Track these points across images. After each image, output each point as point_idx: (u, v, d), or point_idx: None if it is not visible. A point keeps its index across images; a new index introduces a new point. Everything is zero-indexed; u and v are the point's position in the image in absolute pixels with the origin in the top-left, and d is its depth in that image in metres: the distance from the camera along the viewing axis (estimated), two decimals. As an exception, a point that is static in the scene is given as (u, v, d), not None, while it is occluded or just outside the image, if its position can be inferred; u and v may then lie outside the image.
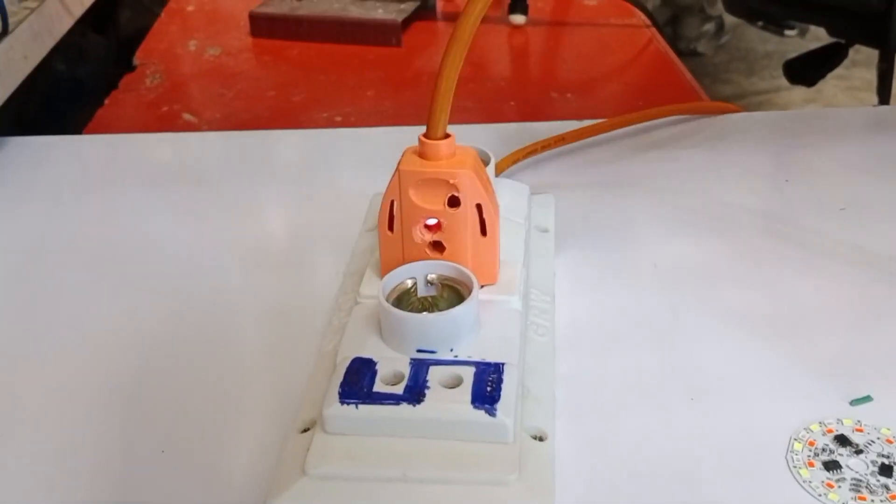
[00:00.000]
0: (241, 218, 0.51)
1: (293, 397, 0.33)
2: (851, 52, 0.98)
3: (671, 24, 2.37)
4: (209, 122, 0.65)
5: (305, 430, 0.30)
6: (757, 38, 2.48)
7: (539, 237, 0.40)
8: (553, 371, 0.33)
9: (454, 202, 0.32)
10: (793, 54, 1.09)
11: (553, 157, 0.54)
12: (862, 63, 1.57)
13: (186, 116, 0.66)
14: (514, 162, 0.51)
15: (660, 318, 0.40)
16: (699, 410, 0.35)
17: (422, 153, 0.32)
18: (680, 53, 2.70)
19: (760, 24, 2.42)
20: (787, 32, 2.35)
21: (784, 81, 1.23)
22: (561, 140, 0.53)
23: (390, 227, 0.33)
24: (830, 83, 2.01)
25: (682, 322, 0.40)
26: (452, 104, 0.33)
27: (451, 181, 0.31)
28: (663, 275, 0.43)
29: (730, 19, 2.45)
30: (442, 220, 0.32)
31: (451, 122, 0.55)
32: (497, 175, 0.45)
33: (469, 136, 0.39)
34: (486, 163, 0.39)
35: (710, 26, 2.40)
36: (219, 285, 0.44)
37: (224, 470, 0.33)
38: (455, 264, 0.32)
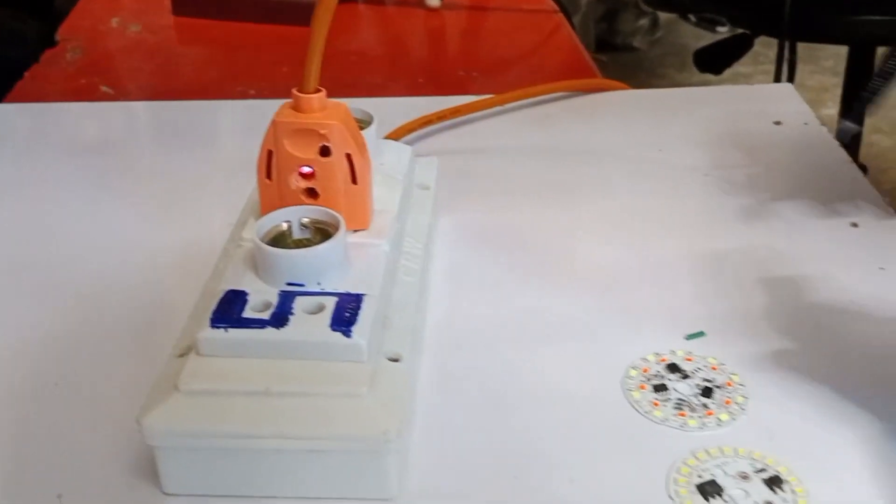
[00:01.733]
0: (148, 180, 0.54)
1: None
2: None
3: (606, 20, 2.43)
4: (125, 94, 0.67)
5: (182, 356, 0.33)
6: (690, 34, 2.55)
7: (420, 193, 0.44)
8: (415, 307, 0.36)
9: (325, 152, 0.35)
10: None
11: (451, 128, 0.58)
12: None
13: (104, 88, 0.68)
14: (411, 130, 0.55)
15: (528, 270, 0.44)
16: (552, 346, 0.39)
17: (295, 106, 0.35)
18: (615, 48, 2.75)
19: (693, 20, 2.50)
20: (719, 29, 2.43)
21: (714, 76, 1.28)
22: (456, 112, 0.57)
23: (268, 175, 0.36)
24: (759, 78, 2.08)
25: (548, 273, 0.44)
26: (366, 79, 0.36)
27: (322, 132, 0.34)
28: (535, 234, 0.47)
29: (664, 15, 2.52)
30: (315, 168, 0.35)
31: (364, 95, 0.58)
32: (397, 141, 0.49)
33: (380, 108, 0.43)
34: (368, 123, 0.42)
35: (644, 21, 2.46)
36: (124, 238, 0.47)
37: (109, 401, 0.36)
38: (326, 209, 0.35)
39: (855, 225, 0.46)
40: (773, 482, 0.32)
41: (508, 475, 0.33)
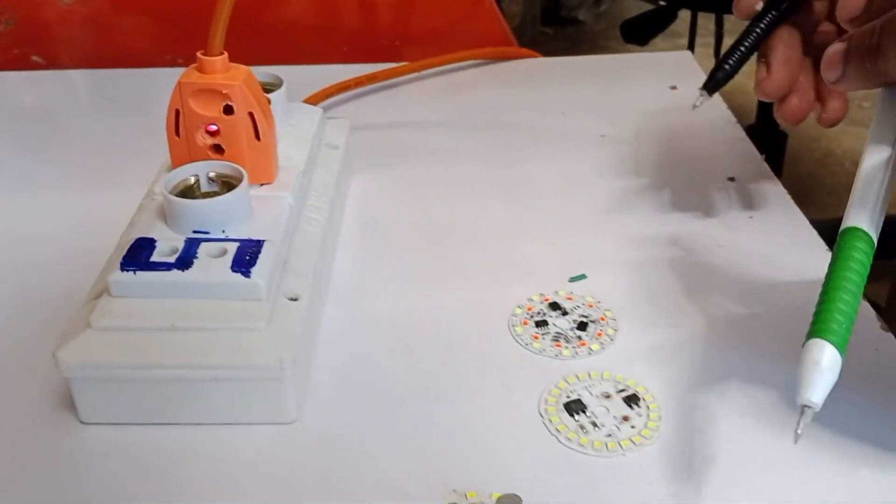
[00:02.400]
0: (83, 147, 0.56)
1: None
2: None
3: (553, -7, 2.46)
4: (57, 64, 0.69)
5: (96, 298, 0.35)
6: (634, 8, 2.60)
7: (328, 152, 0.47)
8: (318, 254, 0.39)
9: (229, 110, 0.38)
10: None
11: (369, 94, 0.61)
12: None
13: (35, 58, 0.70)
14: (329, 95, 0.58)
15: (431, 226, 0.48)
16: (449, 292, 0.43)
17: (200, 68, 0.38)
18: (561, 21, 2.77)
19: (637, -7, 2.54)
20: (661, 2, 2.48)
21: (656, 47, 1.32)
22: (372, 78, 0.60)
23: (177, 133, 0.39)
24: (699, 51, 2.13)
25: (450, 228, 0.47)
26: (292, 47, 0.39)
27: (224, 91, 0.37)
28: (441, 194, 0.50)
29: (609, -11, 2.55)
30: (220, 125, 0.38)
31: (289, 62, 0.61)
32: (316, 105, 0.52)
33: (303, 74, 0.45)
34: (277, 87, 0.45)
35: (590, -5, 2.50)
36: (59, 203, 0.50)
37: (32, 341, 0.39)
38: (231, 163, 0.38)
39: (732, 179, 0.50)
40: (631, 400, 0.35)
41: (401, 403, 0.36)
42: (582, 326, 0.40)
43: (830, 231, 0.34)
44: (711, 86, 0.40)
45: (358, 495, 0.32)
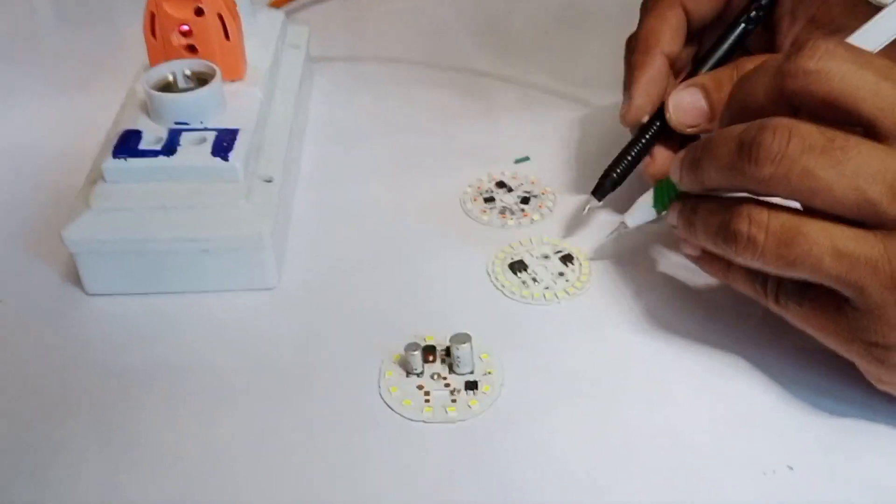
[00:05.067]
0: (53, 58, 0.59)
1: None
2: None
3: None
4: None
5: (92, 183, 0.40)
6: None
7: (291, 52, 0.51)
8: (287, 141, 0.44)
9: (199, 12, 0.42)
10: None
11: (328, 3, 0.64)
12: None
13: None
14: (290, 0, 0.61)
15: (393, 118, 0.52)
16: (408, 176, 0.47)
17: (171, -26, 0.41)
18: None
19: None
20: None
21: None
22: (330, -18, 0.63)
23: (153, 34, 0.42)
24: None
25: (412, 119, 0.52)
26: None
27: (195, -5, 0.41)
28: (403, 87, 0.55)
29: None
30: (192, 26, 0.42)
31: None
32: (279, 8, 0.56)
33: None
34: (242, -10, 0.49)
35: None
36: (39, 107, 0.53)
37: (39, 223, 0.43)
38: (204, 61, 0.42)
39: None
40: (567, 259, 0.41)
41: (367, 269, 0.41)
42: (525, 200, 0.45)
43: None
44: (600, 193, 0.42)
45: (333, 346, 0.38)
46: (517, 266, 0.41)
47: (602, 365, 0.36)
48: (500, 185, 0.46)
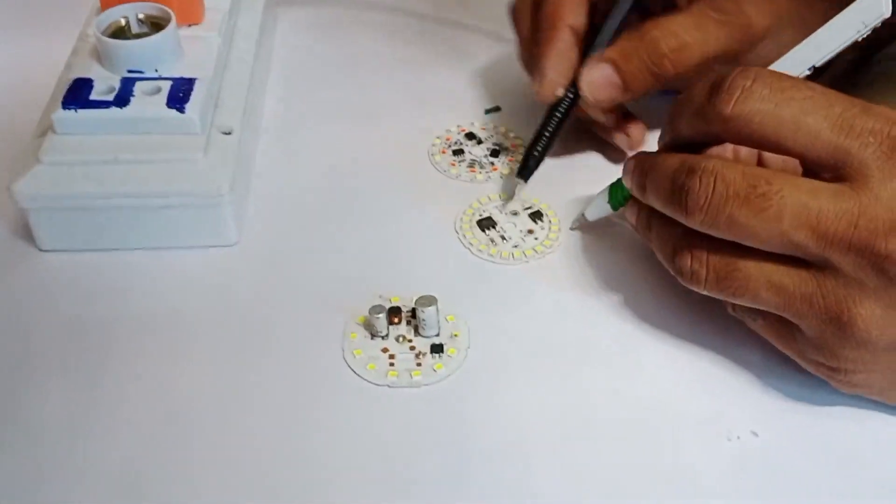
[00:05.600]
0: None
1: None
2: None
3: None
4: None
5: (42, 136, 0.38)
6: None
7: (252, -7, 0.49)
8: (247, 89, 0.42)
9: (154, -48, 0.39)
10: None
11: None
12: None
13: None
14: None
15: (360, 61, 0.50)
16: (374, 123, 0.46)
17: (121, -89, 0.39)
18: None
19: None
20: None
21: None
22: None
23: (105, -24, 0.40)
24: None
25: (380, 62, 0.50)
26: None
27: (147, -66, 0.39)
28: (371, 29, 0.53)
29: None
30: (146, -32, 0.40)
31: None
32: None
33: None
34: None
35: None
36: None
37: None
38: (158, 4, 0.40)
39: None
40: (536, 216, 0.40)
41: (331, 224, 0.40)
42: (495, 153, 0.44)
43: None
44: (526, 172, 0.41)
45: (295, 305, 0.37)
46: (485, 223, 0.40)
47: (568, 328, 0.36)
48: (470, 136, 0.45)
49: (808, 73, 0.33)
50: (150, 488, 0.30)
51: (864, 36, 0.32)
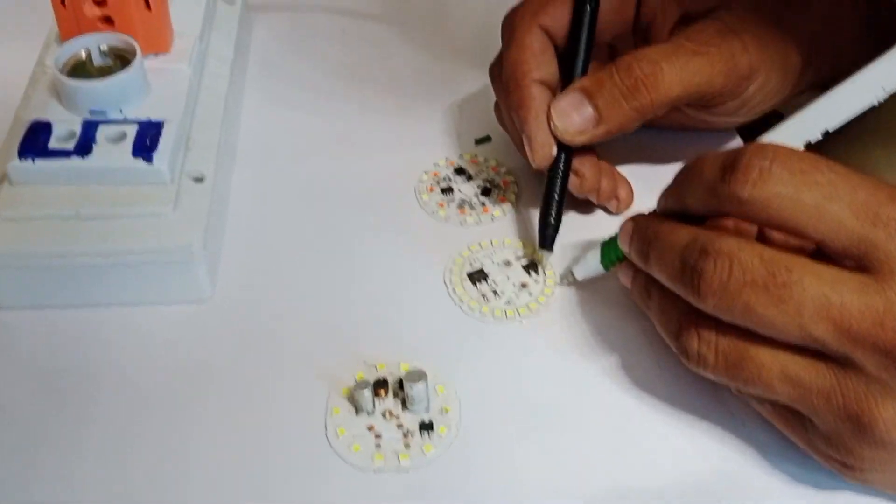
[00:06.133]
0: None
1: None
2: None
3: None
4: None
5: (-4, 184, 0.35)
6: None
7: (225, 10, 0.45)
8: (220, 124, 0.39)
9: (115, -21, 0.36)
10: None
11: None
12: None
13: None
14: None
15: (342, 78, 0.47)
16: (357, 156, 0.43)
17: (79, -67, 0.35)
18: None
19: None
20: None
21: None
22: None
23: (62, 2, 0.37)
24: None
25: (364, 81, 0.47)
26: None
27: (107, -40, 0.35)
28: (353, 41, 0.50)
29: None
30: (107, -4, 0.36)
31: None
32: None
33: None
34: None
35: None
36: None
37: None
38: (120, 35, 0.37)
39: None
40: (530, 267, 0.38)
41: (312, 274, 0.38)
42: (486, 192, 0.41)
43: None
44: (548, 242, 0.37)
45: (273, 369, 0.34)
46: (477, 276, 0.37)
47: (564, 395, 0.34)
48: (459, 171, 0.42)
49: (819, 137, 0.31)
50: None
51: (882, 101, 0.30)
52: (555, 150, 0.37)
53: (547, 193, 0.37)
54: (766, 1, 0.39)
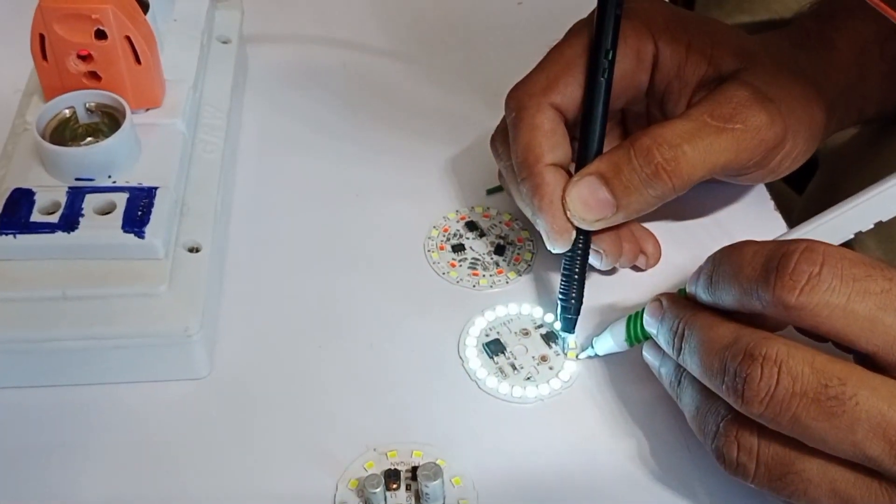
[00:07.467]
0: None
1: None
2: None
3: None
4: None
5: (-25, 259, 0.32)
6: None
7: (219, 49, 0.42)
8: (217, 185, 0.36)
9: (101, 35, 0.33)
10: None
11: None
12: None
13: None
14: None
15: (342, 125, 0.44)
16: (360, 208, 0.41)
17: (62, -14, 0.32)
18: None
19: None
20: None
21: None
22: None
23: (44, 57, 0.34)
24: None
25: (365, 128, 0.44)
26: None
27: (94, 16, 0.32)
28: (355, 83, 0.47)
29: None
30: (93, 52, 0.34)
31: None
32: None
33: None
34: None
35: None
36: None
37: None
38: (108, 92, 0.34)
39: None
40: (549, 337, 0.35)
41: (315, 346, 0.35)
42: (499, 250, 0.39)
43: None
44: (570, 327, 0.35)
45: (276, 454, 0.32)
46: (493, 347, 0.35)
47: (588, 482, 0.31)
48: (471, 226, 0.39)
49: (871, 227, 0.28)
50: None
51: None
52: (573, 236, 0.34)
53: (566, 275, 0.35)
54: (790, 55, 0.37)
